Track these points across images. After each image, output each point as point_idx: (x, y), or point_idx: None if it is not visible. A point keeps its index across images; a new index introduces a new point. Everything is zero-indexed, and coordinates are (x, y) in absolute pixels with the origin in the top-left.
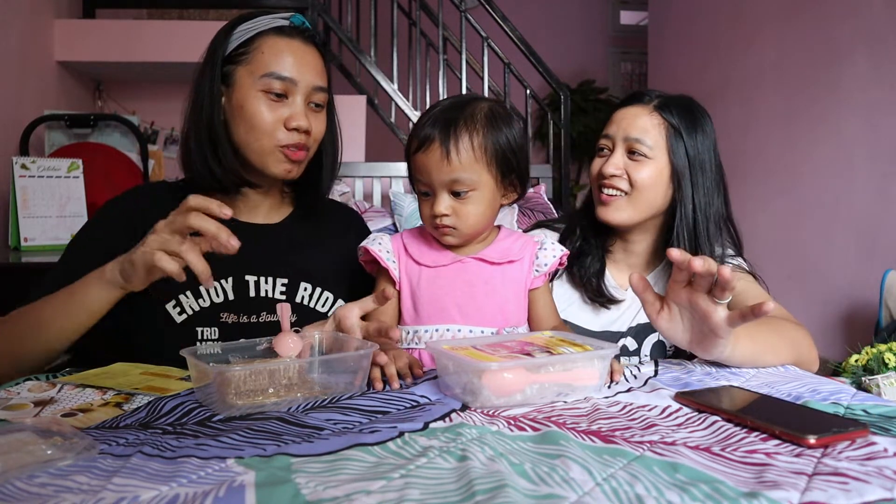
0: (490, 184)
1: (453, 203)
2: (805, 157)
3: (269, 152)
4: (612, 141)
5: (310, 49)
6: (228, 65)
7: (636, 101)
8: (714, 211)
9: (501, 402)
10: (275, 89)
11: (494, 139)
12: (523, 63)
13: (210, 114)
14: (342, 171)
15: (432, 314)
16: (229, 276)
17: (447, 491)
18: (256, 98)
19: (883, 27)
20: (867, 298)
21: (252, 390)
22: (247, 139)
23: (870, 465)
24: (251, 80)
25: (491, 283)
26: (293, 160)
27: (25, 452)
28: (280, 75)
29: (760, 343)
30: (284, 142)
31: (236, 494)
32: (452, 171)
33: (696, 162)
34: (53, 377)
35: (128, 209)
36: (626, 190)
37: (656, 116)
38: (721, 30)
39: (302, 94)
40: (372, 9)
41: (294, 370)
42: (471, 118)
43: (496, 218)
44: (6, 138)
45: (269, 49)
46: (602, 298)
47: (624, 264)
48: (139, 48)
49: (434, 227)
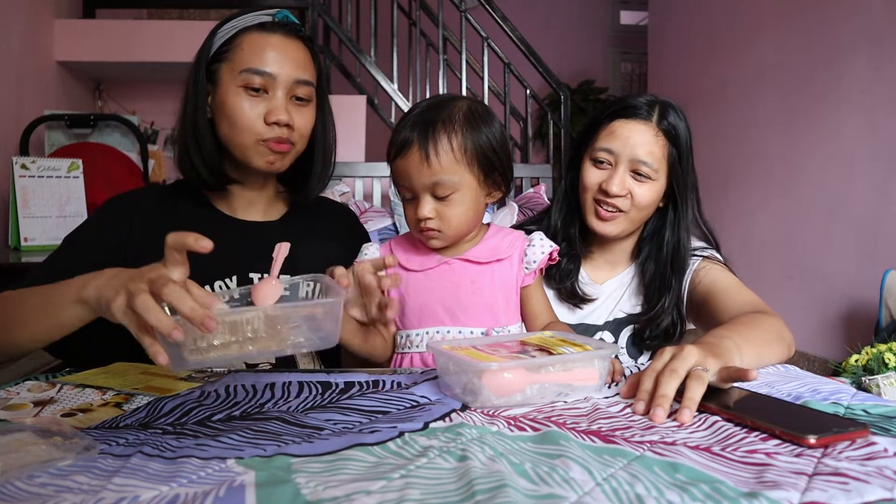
0: (472, 184)
1: (437, 206)
2: (805, 157)
3: (250, 146)
4: (616, 157)
5: (292, 43)
6: (214, 63)
7: (637, 115)
8: (690, 214)
9: (501, 402)
10: (253, 84)
11: (474, 139)
12: (523, 63)
13: (194, 112)
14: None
15: (421, 318)
16: (234, 275)
17: (447, 491)
18: (236, 94)
19: (883, 27)
20: (867, 298)
21: (212, 344)
22: (229, 135)
23: (870, 465)
24: (231, 77)
25: (478, 282)
26: (276, 151)
27: (25, 452)
28: (258, 70)
29: (757, 344)
30: (265, 136)
31: (236, 494)
32: (433, 175)
33: (684, 172)
34: (53, 377)
35: (126, 210)
36: (626, 209)
37: (661, 137)
38: (721, 30)
39: (283, 88)
40: (372, 9)
41: (260, 320)
42: (448, 119)
43: (482, 217)
44: (6, 138)
45: (248, 45)
46: (575, 299)
47: (602, 261)
48: (139, 48)
49: (419, 231)
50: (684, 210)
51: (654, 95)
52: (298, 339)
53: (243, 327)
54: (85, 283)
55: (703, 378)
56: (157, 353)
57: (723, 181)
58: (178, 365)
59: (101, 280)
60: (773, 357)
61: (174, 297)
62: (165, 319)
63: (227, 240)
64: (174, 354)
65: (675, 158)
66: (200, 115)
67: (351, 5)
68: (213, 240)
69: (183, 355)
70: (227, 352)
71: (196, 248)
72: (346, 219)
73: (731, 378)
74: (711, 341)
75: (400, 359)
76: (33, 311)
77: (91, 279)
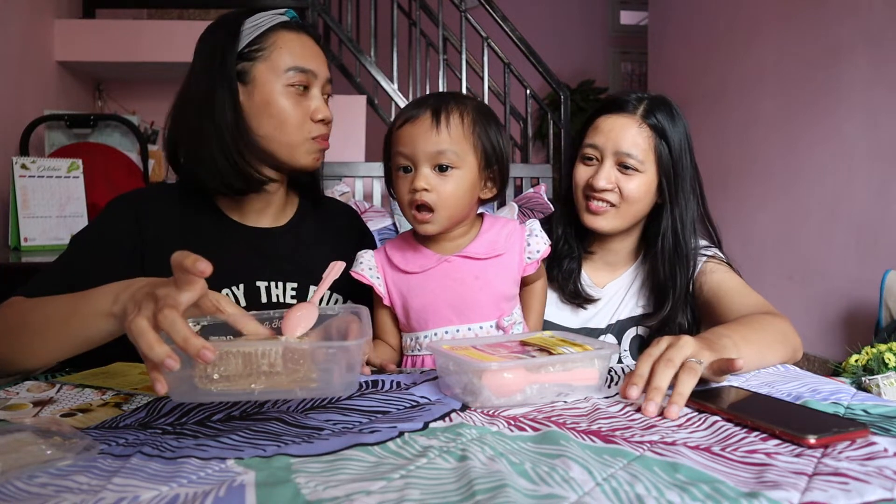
0: (473, 166)
1: (434, 180)
2: (805, 157)
3: (299, 144)
4: (601, 152)
5: (314, 42)
6: (242, 62)
7: (620, 108)
8: (692, 212)
9: (502, 401)
10: (301, 83)
11: (482, 125)
12: (523, 63)
13: (223, 115)
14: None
15: (427, 319)
16: (240, 283)
17: (447, 491)
18: (283, 93)
19: (883, 27)
20: (867, 298)
21: (225, 376)
22: (275, 134)
23: (870, 465)
24: (276, 76)
25: (482, 278)
26: (321, 149)
27: (25, 452)
28: (304, 68)
29: (757, 345)
30: (315, 133)
31: (236, 494)
32: (440, 143)
33: (678, 169)
34: (52, 377)
35: (136, 211)
36: (615, 202)
37: (645, 129)
38: (721, 30)
39: (320, 85)
40: (372, 9)
41: (277, 355)
42: (462, 102)
43: (475, 208)
44: (6, 138)
45: (285, 44)
46: (579, 299)
47: (602, 262)
48: (139, 48)
49: (411, 206)
50: (684, 206)
51: (648, 92)
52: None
53: (258, 360)
54: (117, 295)
55: (696, 370)
56: (155, 381)
57: (723, 181)
58: (183, 395)
59: (129, 293)
60: (775, 359)
61: (166, 324)
62: (157, 348)
63: (234, 247)
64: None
65: (663, 152)
66: (242, 120)
67: (351, 5)
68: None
69: (192, 384)
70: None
71: (193, 272)
72: (350, 218)
73: (721, 370)
74: (709, 337)
75: (410, 361)
76: (57, 324)
77: (122, 291)
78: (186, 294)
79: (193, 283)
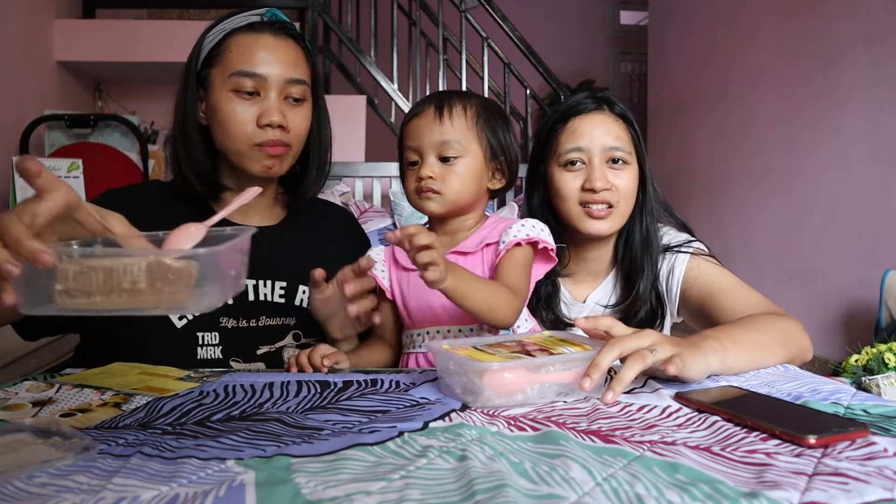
0: (478, 155)
1: (440, 169)
2: (805, 157)
3: (246, 152)
4: (588, 153)
5: (283, 42)
6: (205, 68)
7: (588, 109)
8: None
9: (502, 401)
10: (244, 87)
11: (486, 117)
12: (523, 63)
13: (184, 120)
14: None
15: (422, 317)
16: None
17: (447, 491)
18: (227, 99)
19: (883, 27)
20: (867, 298)
21: (85, 291)
22: (223, 141)
23: (870, 465)
24: (221, 81)
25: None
26: (272, 156)
27: (25, 452)
28: (247, 72)
29: (749, 346)
30: (260, 139)
31: (236, 494)
32: (443, 133)
33: (644, 152)
34: (52, 377)
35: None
36: (614, 202)
37: (621, 122)
38: (721, 30)
39: (275, 88)
40: (372, 9)
41: (140, 271)
42: (467, 96)
43: (483, 197)
44: (6, 138)
45: (236, 47)
46: (560, 326)
47: (585, 273)
48: (139, 48)
49: (417, 193)
50: (652, 190)
51: (589, 91)
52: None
53: (119, 276)
54: None
55: (645, 358)
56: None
57: (723, 181)
58: (33, 306)
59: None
60: (774, 360)
61: (1, 227)
62: None
63: None
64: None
65: (636, 138)
66: (190, 122)
67: (351, 5)
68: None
69: (48, 296)
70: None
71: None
72: (344, 221)
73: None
74: (693, 338)
75: (406, 359)
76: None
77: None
78: (45, 203)
79: (51, 188)
